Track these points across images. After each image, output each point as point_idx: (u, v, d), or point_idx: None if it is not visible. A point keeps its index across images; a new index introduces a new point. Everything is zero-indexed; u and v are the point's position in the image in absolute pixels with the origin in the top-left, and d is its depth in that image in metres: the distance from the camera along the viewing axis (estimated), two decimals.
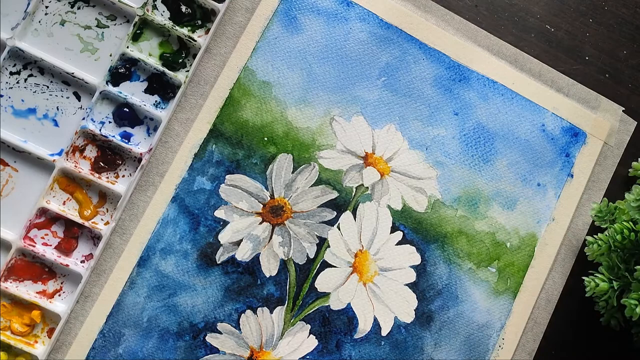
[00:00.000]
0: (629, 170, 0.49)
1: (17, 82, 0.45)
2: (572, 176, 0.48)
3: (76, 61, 0.45)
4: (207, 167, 0.46)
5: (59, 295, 0.44)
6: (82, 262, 0.44)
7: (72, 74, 0.45)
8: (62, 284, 0.44)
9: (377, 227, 0.46)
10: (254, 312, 0.45)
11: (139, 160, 0.45)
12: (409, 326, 0.46)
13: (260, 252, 0.45)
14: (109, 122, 0.46)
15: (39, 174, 0.45)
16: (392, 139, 0.47)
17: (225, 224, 0.45)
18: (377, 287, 0.46)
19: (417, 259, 0.46)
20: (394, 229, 0.46)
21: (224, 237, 0.45)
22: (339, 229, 0.46)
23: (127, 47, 0.46)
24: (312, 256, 0.46)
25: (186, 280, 0.44)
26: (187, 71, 0.46)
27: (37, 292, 0.44)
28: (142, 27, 0.46)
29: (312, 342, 0.45)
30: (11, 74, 0.45)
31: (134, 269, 0.44)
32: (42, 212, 0.44)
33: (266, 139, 0.46)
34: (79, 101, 0.46)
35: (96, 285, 0.44)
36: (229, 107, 0.46)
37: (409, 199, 0.47)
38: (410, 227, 0.47)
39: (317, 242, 0.46)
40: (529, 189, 0.48)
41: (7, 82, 0.45)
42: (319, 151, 0.47)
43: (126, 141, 0.45)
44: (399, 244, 0.46)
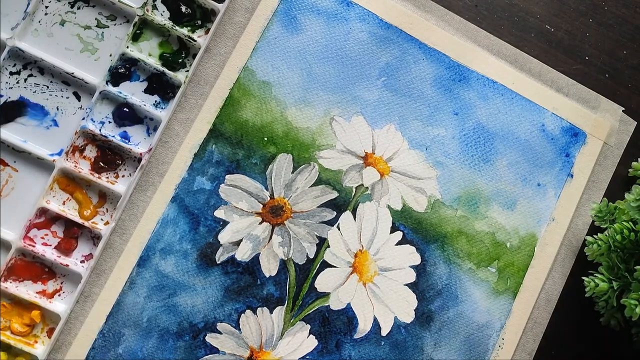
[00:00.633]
0: (629, 170, 0.49)
1: (17, 82, 0.45)
2: (572, 176, 0.48)
3: (76, 61, 0.45)
4: (207, 167, 0.46)
5: (59, 295, 0.44)
6: (82, 262, 0.44)
7: (72, 74, 0.45)
8: (62, 284, 0.44)
9: (377, 227, 0.46)
10: (254, 312, 0.45)
11: (139, 160, 0.45)
12: (408, 326, 0.46)
13: (260, 252, 0.45)
14: (109, 122, 0.46)
15: (39, 174, 0.45)
16: (392, 139, 0.47)
17: (225, 224, 0.45)
18: (377, 287, 0.46)
19: (417, 259, 0.46)
20: (393, 229, 0.46)
21: (224, 237, 0.45)
22: (339, 229, 0.46)
23: (127, 47, 0.46)
24: (312, 256, 0.46)
25: (186, 280, 0.44)
26: (187, 71, 0.46)
27: (37, 292, 0.44)
28: (142, 27, 0.46)
29: (312, 342, 0.45)
30: (11, 74, 0.45)
31: (134, 269, 0.44)
32: (42, 212, 0.44)
33: (266, 139, 0.46)
34: (79, 101, 0.46)
35: (96, 285, 0.44)
36: (228, 107, 0.46)
37: (408, 199, 0.47)
38: (410, 227, 0.47)
39: (317, 242, 0.46)
40: (529, 189, 0.48)
41: (7, 82, 0.45)
42: (318, 151, 0.47)
43: (126, 141, 0.45)
44: (399, 244, 0.46)
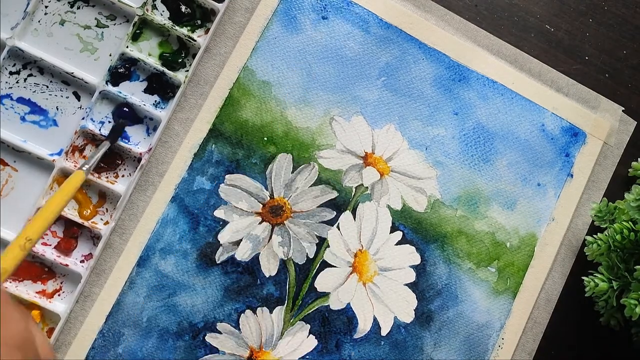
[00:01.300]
0: (629, 170, 0.49)
1: (17, 82, 0.45)
2: (572, 176, 0.48)
3: (76, 61, 0.45)
4: (207, 167, 0.46)
5: (59, 295, 0.44)
6: (82, 261, 0.44)
7: (72, 73, 0.45)
8: (61, 283, 0.44)
9: (377, 227, 0.46)
10: (254, 312, 0.45)
11: (139, 160, 0.45)
12: (408, 326, 0.46)
13: (259, 252, 0.45)
14: (109, 122, 0.46)
15: (39, 173, 0.45)
16: (391, 138, 0.47)
17: (224, 223, 0.45)
18: (377, 287, 0.46)
19: (416, 259, 0.46)
20: (393, 229, 0.46)
21: (224, 237, 0.45)
22: (339, 229, 0.46)
23: (127, 46, 0.45)
24: (311, 256, 0.46)
25: (186, 280, 0.44)
26: (187, 71, 0.46)
27: (36, 292, 0.44)
28: (141, 27, 0.46)
29: (312, 342, 0.45)
30: (11, 73, 0.45)
31: (134, 268, 0.44)
32: None
33: (266, 138, 0.46)
34: (79, 101, 0.45)
35: (96, 285, 0.44)
36: (228, 107, 0.46)
37: (408, 199, 0.47)
38: (410, 227, 0.47)
39: (317, 242, 0.46)
40: (528, 188, 0.48)
41: (6, 82, 0.45)
42: (318, 151, 0.47)
43: (126, 141, 0.45)
44: (399, 243, 0.46)
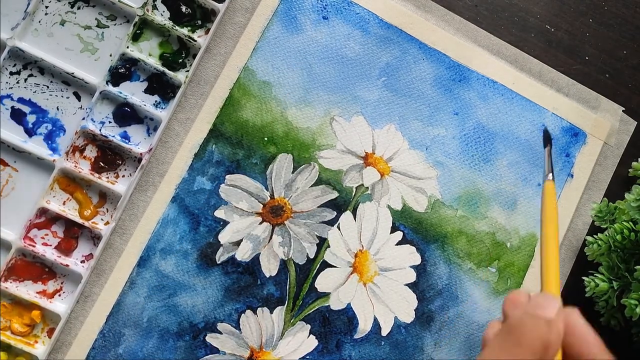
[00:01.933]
0: (629, 170, 0.49)
1: (17, 82, 0.45)
2: (572, 176, 0.48)
3: (76, 61, 0.45)
4: (207, 167, 0.46)
5: (59, 295, 0.44)
6: (82, 262, 0.44)
7: (72, 74, 0.45)
8: (62, 284, 0.44)
9: (377, 227, 0.46)
10: (254, 312, 0.45)
11: (139, 160, 0.45)
12: (409, 326, 0.46)
13: (260, 252, 0.45)
14: (109, 122, 0.46)
15: (39, 174, 0.45)
16: (392, 139, 0.47)
17: (225, 224, 0.45)
18: (377, 287, 0.46)
19: (417, 259, 0.46)
20: (394, 229, 0.46)
21: (224, 237, 0.45)
22: (339, 229, 0.46)
23: (127, 47, 0.46)
24: (312, 256, 0.46)
25: (186, 280, 0.44)
26: (187, 71, 0.46)
27: (37, 292, 0.44)
28: (142, 27, 0.46)
29: (312, 342, 0.45)
30: (11, 74, 0.45)
31: (134, 269, 0.44)
32: (42, 212, 0.44)
33: (266, 139, 0.46)
34: (79, 101, 0.46)
35: (96, 285, 0.44)
36: (229, 107, 0.46)
37: (409, 199, 0.47)
38: (410, 227, 0.47)
39: (317, 242, 0.46)
40: (529, 189, 0.48)
41: (7, 82, 0.45)
42: (319, 151, 0.47)
43: (126, 141, 0.45)
44: (399, 244, 0.46)
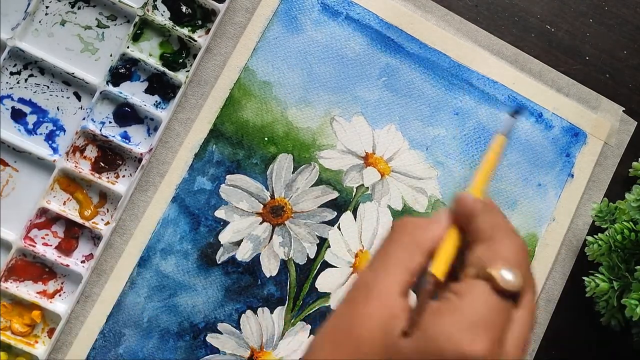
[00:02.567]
0: (629, 170, 0.49)
1: (18, 82, 0.45)
2: (572, 176, 0.48)
3: (76, 61, 0.45)
4: (208, 167, 0.46)
5: (59, 295, 0.44)
6: (83, 262, 0.44)
7: (73, 74, 0.45)
8: (62, 284, 0.44)
9: (378, 227, 0.46)
10: (255, 312, 0.45)
11: (139, 160, 0.45)
12: None
13: (260, 252, 0.45)
14: (110, 122, 0.46)
15: (39, 174, 0.45)
16: (392, 139, 0.47)
17: (225, 224, 0.45)
18: None
19: None
20: None
21: (225, 237, 0.45)
22: (340, 229, 0.46)
23: (128, 47, 0.45)
24: (312, 256, 0.46)
25: (186, 280, 0.44)
26: (188, 71, 0.46)
27: (37, 292, 0.44)
28: (142, 27, 0.46)
29: None
30: (11, 74, 0.45)
31: (134, 269, 0.44)
32: (43, 212, 0.44)
33: (266, 139, 0.46)
34: (79, 101, 0.45)
35: (96, 285, 0.44)
36: (229, 107, 0.46)
37: (409, 199, 0.47)
38: None
39: (318, 242, 0.46)
40: (529, 189, 0.48)
41: (7, 82, 0.45)
42: (319, 151, 0.47)
43: (126, 141, 0.45)
44: None
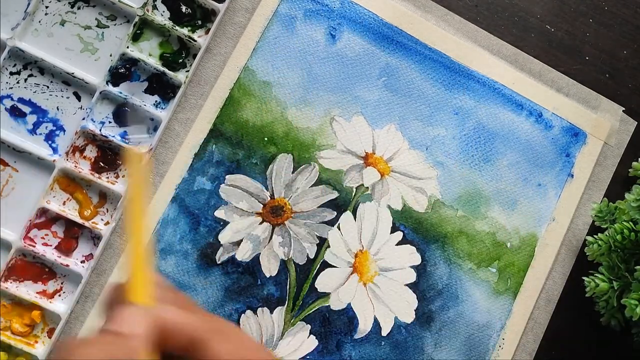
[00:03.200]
0: (629, 170, 0.49)
1: (17, 82, 0.45)
2: (572, 176, 0.48)
3: (76, 61, 0.45)
4: (207, 167, 0.46)
5: (59, 295, 0.44)
6: (82, 262, 0.44)
7: (72, 74, 0.45)
8: (62, 284, 0.44)
9: (377, 227, 0.46)
10: (254, 312, 0.45)
11: None
12: (409, 326, 0.46)
13: (260, 252, 0.45)
14: (109, 122, 0.46)
15: (39, 174, 0.45)
16: (392, 139, 0.47)
17: (225, 224, 0.45)
18: (378, 287, 0.46)
19: (417, 259, 0.46)
20: (394, 229, 0.46)
21: (224, 237, 0.45)
22: (339, 229, 0.46)
23: (127, 47, 0.45)
24: (312, 256, 0.46)
25: (186, 280, 0.44)
26: (187, 71, 0.46)
27: (37, 292, 0.44)
28: (142, 27, 0.46)
29: (312, 343, 0.45)
30: (11, 74, 0.45)
31: None
32: (42, 212, 0.44)
33: (266, 139, 0.46)
34: (79, 101, 0.45)
35: (96, 285, 0.44)
36: (229, 107, 0.46)
37: (409, 199, 0.47)
38: (410, 227, 0.47)
39: (317, 242, 0.46)
40: (529, 189, 0.48)
41: (7, 82, 0.45)
42: (319, 151, 0.47)
43: (126, 141, 0.45)
44: (399, 244, 0.46)
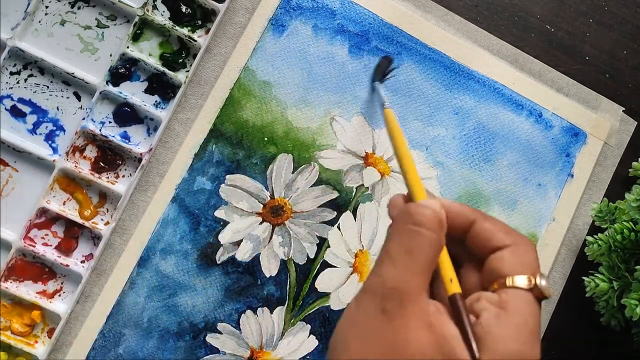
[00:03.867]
0: (629, 170, 0.49)
1: (17, 82, 0.45)
2: (572, 176, 0.48)
3: (76, 61, 0.45)
4: (207, 167, 0.46)
5: (59, 295, 0.44)
6: (82, 262, 0.44)
7: (73, 74, 0.45)
8: (62, 284, 0.44)
9: (378, 227, 0.46)
10: (254, 312, 0.45)
11: (139, 160, 0.45)
12: None
13: (260, 252, 0.45)
14: (109, 122, 0.46)
15: (39, 174, 0.45)
16: None
17: (225, 224, 0.45)
18: None
19: None
20: None
21: (224, 237, 0.45)
22: (339, 229, 0.46)
23: (127, 47, 0.45)
24: (312, 256, 0.46)
25: (186, 280, 0.44)
26: (187, 71, 0.46)
27: (37, 292, 0.44)
28: (142, 27, 0.46)
29: (313, 342, 0.45)
30: (11, 74, 0.45)
31: (134, 269, 0.44)
32: (42, 212, 0.44)
33: (266, 139, 0.46)
34: (79, 101, 0.45)
35: (96, 285, 0.44)
36: (229, 107, 0.46)
37: None
38: None
39: (318, 242, 0.46)
40: (529, 189, 0.48)
41: (7, 82, 0.45)
42: (319, 151, 0.47)
43: (126, 141, 0.45)
44: None
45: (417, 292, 0.26)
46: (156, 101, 0.46)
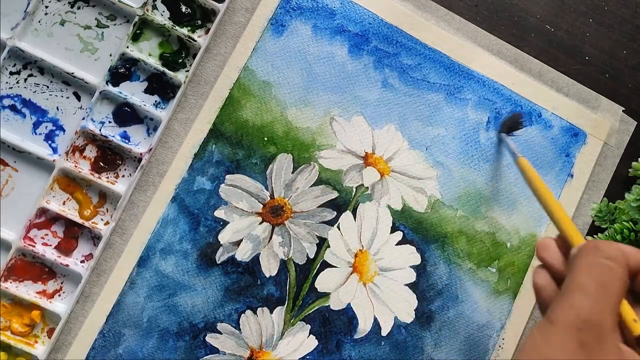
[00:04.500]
0: (629, 170, 0.49)
1: (17, 82, 0.45)
2: (572, 176, 0.48)
3: (76, 61, 0.45)
4: (207, 167, 0.46)
5: (59, 295, 0.44)
6: (82, 262, 0.44)
7: (72, 73, 0.45)
8: (62, 284, 0.44)
9: (377, 227, 0.46)
10: (254, 312, 0.45)
11: (139, 160, 0.45)
12: (409, 326, 0.46)
13: (260, 252, 0.45)
14: (109, 122, 0.46)
15: (39, 174, 0.45)
16: (392, 139, 0.47)
17: (225, 224, 0.45)
18: (377, 287, 0.46)
19: (417, 259, 0.46)
20: (394, 229, 0.46)
21: (224, 237, 0.45)
22: (339, 229, 0.46)
23: (127, 47, 0.45)
24: (312, 256, 0.46)
25: (186, 280, 0.44)
26: (187, 71, 0.46)
27: (37, 292, 0.44)
28: (142, 27, 0.46)
29: (312, 342, 0.45)
30: (11, 74, 0.45)
31: (134, 269, 0.44)
32: (42, 212, 0.44)
33: (266, 139, 0.46)
34: (79, 101, 0.46)
35: (96, 285, 0.44)
36: (229, 107, 0.46)
37: (409, 199, 0.47)
38: (410, 227, 0.47)
39: (317, 242, 0.46)
40: (529, 189, 0.48)
41: (7, 82, 0.45)
42: (319, 151, 0.47)
43: (126, 141, 0.45)
44: (399, 244, 0.46)
45: (611, 328, 0.26)
46: (156, 101, 0.46)
